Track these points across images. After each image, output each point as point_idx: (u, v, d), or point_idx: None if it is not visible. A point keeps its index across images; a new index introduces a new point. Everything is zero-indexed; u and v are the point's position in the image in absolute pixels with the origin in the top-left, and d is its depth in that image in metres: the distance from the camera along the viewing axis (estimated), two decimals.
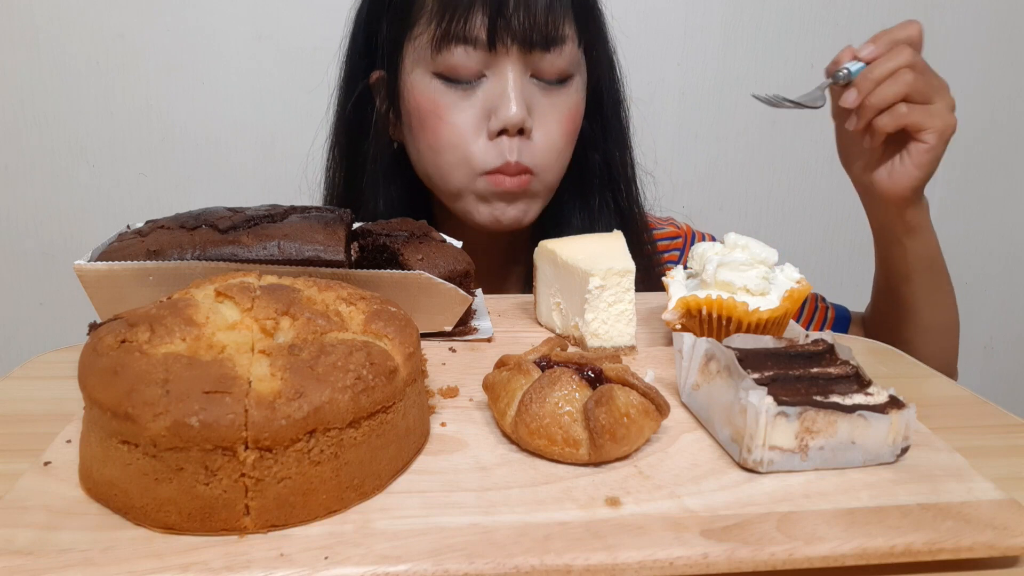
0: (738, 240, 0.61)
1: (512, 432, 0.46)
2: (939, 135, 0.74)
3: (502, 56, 0.78)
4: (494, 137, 0.80)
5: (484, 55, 0.78)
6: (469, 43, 0.77)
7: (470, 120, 0.80)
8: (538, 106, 0.81)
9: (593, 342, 0.61)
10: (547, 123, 0.82)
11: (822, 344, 0.52)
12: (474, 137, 0.80)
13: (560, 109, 0.82)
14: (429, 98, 0.81)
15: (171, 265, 0.57)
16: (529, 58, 0.79)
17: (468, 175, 0.81)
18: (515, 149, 0.80)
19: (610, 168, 0.91)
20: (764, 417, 0.42)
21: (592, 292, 0.59)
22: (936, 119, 0.74)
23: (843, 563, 0.38)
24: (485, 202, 0.83)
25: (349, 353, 0.41)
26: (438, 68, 0.80)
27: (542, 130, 0.81)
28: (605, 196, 0.91)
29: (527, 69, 0.80)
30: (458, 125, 0.80)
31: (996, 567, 0.39)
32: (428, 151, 0.83)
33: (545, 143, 0.82)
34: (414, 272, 0.60)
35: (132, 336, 0.41)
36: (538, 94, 0.81)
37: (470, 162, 0.81)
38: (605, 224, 0.89)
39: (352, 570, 0.35)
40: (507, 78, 0.79)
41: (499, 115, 0.78)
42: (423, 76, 0.81)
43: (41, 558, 0.35)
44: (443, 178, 0.83)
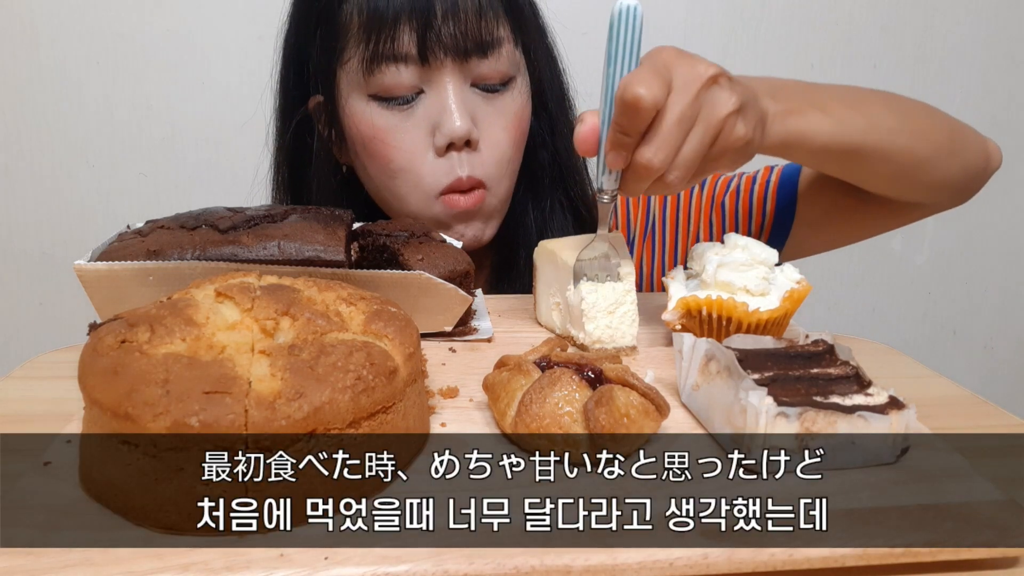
0: (738, 240, 0.61)
1: (512, 432, 0.46)
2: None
3: (436, 69, 0.75)
4: (442, 153, 0.77)
5: (418, 70, 0.75)
6: (400, 60, 0.74)
7: (415, 140, 0.77)
8: (482, 115, 0.78)
9: (593, 343, 0.61)
10: (493, 131, 0.79)
11: (822, 344, 0.52)
12: (422, 157, 0.78)
13: (505, 115, 0.80)
14: (369, 123, 0.78)
15: (171, 265, 0.57)
16: (466, 66, 0.76)
17: (423, 199, 0.79)
18: (464, 163, 0.78)
19: (560, 165, 0.88)
20: (764, 417, 0.42)
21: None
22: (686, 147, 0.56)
23: (843, 563, 0.38)
24: (442, 225, 0.80)
25: (349, 353, 0.41)
26: (372, 90, 0.77)
27: (489, 139, 0.79)
28: (557, 194, 0.89)
29: (466, 78, 0.77)
30: (404, 148, 0.77)
31: (996, 567, 0.39)
32: (380, 176, 0.81)
33: (493, 153, 0.79)
34: (414, 272, 0.60)
35: (132, 336, 0.41)
36: (480, 102, 0.78)
37: (422, 185, 0.79)
38: (559, 222, 0.87)
39: (352, 570, 0.35)
40: (447, 91, 0.76)
41: (443, 130, 0.76)
42: (359, 101, 0.78)
43: (41, 558, 0.35)
44: (399, 202, 0.81)
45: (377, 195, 0.84)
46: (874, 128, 0.66)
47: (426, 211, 0.80)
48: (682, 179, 0.55)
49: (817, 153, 0.67)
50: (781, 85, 0.65)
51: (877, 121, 0.67)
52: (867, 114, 0.66)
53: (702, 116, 0.55)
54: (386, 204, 0.84)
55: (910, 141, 0.68)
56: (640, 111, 0.52)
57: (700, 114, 0.55)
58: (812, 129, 0.64)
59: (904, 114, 0.70)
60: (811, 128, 0.63)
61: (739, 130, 0.56)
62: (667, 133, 0.53)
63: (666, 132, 0.53)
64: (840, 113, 0.65)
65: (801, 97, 0.64)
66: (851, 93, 0.69)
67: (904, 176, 0.71)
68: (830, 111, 0.64)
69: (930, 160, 0.70)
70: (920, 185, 0.73)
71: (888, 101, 0.71)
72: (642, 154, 0.54)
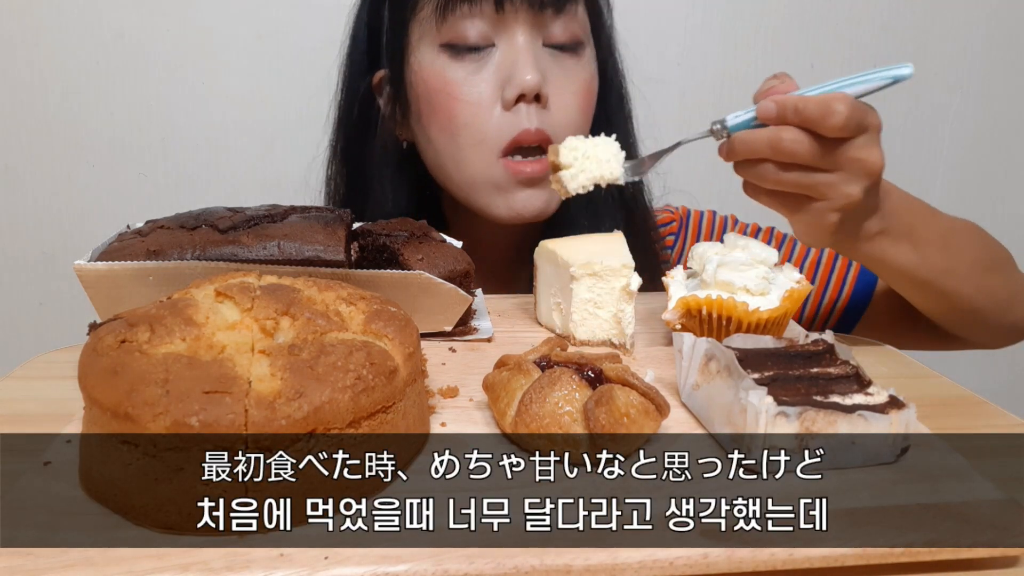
0: (738, 240, 0.61)
1: (512, 432, 0.46)
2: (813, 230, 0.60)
3: (511, 20, 0.75)
4: (510, 107, 0.76)
5: (492, 20, 0.75)
6: (475, 4, 0.74)
7: (483, 93, 0.76)
8: (552, 75, 0.77)
9: (583, 335, 0.61)
10: (563, 93, 0.78)
11: (822, 344, 0.52)
12: (488, 111, 0.76)
13: (574, 79, 0.79)
14: (438, 75, 0.77)
15: (171, 265, 0.57)
16: (540, 20, 0.76)
17: (485, 158, 0.77)
18: (533, 116, 0.76)
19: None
20: (764, 417, 0.42)
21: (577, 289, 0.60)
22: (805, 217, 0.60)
23: (843, 563, 0.38)
24: (503, 192, 0.79)
25: (349, 353, 0.41)
26: (445, 38, 0.76)
27: (558, 101, 0.77)
28: (611, 191, 0.87)
29: (537, 35, 0.77)
30: (471, 101, 0.76)
31: (996, 567, 0.39)
32: (441, 135, 0.79)
33: (563, 115, 0.78)
34: (414, 272, 0.60)
35: (132, 336, 0.41)
36: (551, 62, 0.78)
37: (486, 140, 0.77)
38: (610, 223, 0.86)
39: (352, 570, 0.35)
40: (518, 43, 0.75)
41: (514, 81, 0.75)
42: (430, 52, 0.78)
43: (41, 558, 0.35)
44: (458, 165, 0.79)
45: (436, 164, 0.82)
46: (949, 273, 0.67)
47: (486, 173, 0.78)
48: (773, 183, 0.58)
49: (891, 276, 0.68)
50: (897, 205, 0.65)
51: (955, 266, 0.67)
52: (952, 257, 0.67)
53: (834, 176, 0.56)
54: (445, 173, 0.82)
55: (975, 292, 0.69)
56: (826, 119, 0.54)
57: (837, 171, 0.56)
58: (895, 258, 0.64)
59: (982, 266, 0.71)
60: (895, 256, 0.64)
61: (832, 218, 0.58)
62: (808, 146, 0.55)
63: (808, 145, 0.55)
64: (928, 249, 0.65)
65: (904, 221, 0.65)
66: (952, 230, 0.69)
67: (961, 317, 0.72)
68: (920, 245, 0.65)
69: (986, 310, 0.71)
70: (973, 328, 0.74)
71: (976, 246, 0.71)
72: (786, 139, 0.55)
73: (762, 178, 0.58)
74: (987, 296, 0.70)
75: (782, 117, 0.56)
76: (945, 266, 0.66)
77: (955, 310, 0.71)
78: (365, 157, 0.87)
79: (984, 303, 0.70)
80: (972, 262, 0.69)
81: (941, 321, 0.74)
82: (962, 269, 0.68)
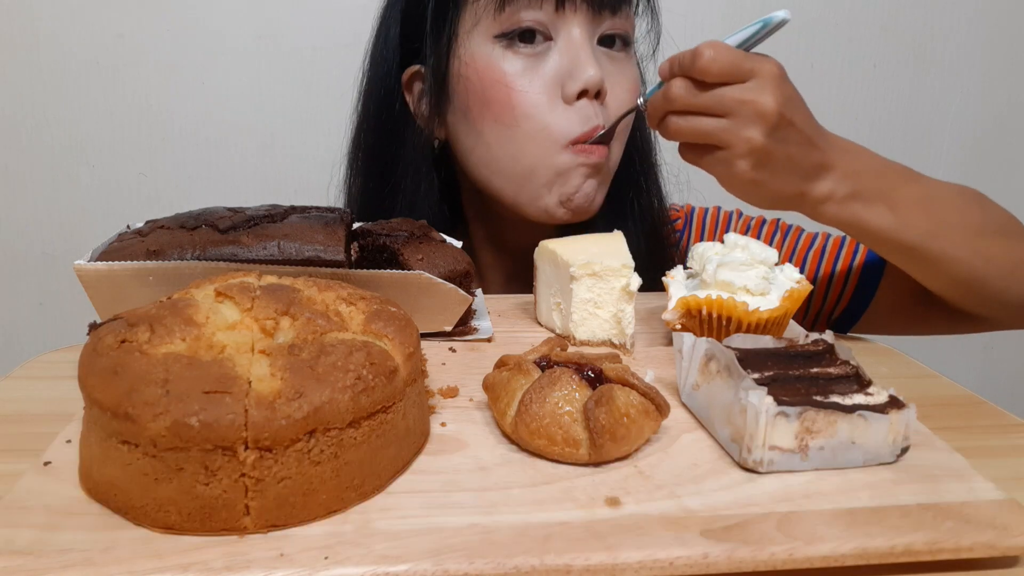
0: (738, 240, 0.61)
1: (512, 432, 0.46)
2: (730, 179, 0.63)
3: (569, 17, 0.75)
4: (572, 101, 0.75)
5: (551, 16, 0.75)
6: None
7: (543, 88, 0.75)
8: (607, 72, 0.77)
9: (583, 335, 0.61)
10: (618, 90, 0.78)
11: (822, 344, 0.52)
12: (550, 105, 0.75)
13: (627, 76, 0.79)
14: (494, 66, 0.76)
15: (171, 265, 0.57)
16: (597, 18, 0.76)
17: (548, 148, 0.76)
18: (600, 112, 0.76)
19: (634, 163, 0.87)
20: (764, 417, 0.42)
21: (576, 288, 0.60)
22: (718, 166, 0.62)
23: (843, 563, 0.38)
24: (560, 179, 0.77)
25: (349, 353, 0.41)
26: (502, 27, 0.75)
27: (614, 97, 0.77)
28: (628, 194, 0.87)
29: (594, 33, 0.77)
30: (531, 92, 0.75)
31: (996, 567, 0.39)
32: (496, 126, 0.77)
33: (617, 111, 0.77)
34: (414, 272, 0.60)
35: (132, 336, 0.41)
36: (605, 60, 0.78)
37: (549, 132, 0.75)
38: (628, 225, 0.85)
39: (352, 570, 0.35)
40: (577, 40, 0.75)
41: (576, 76, 0.74)
42: (483, 42, 0.76)
43: (41, 558, 0.35)
44: (514, 157, 0.77)
45: (486, 158, 0.80)
46: (935, 236, 0.65)
47: (548, 162, 0.77)
48: (674, 133, 0.63)
49: (874, 242, 0.67)
50: (867, 166, 0.65)
51: (942, 229, 0.65)
52: (937, 219, 0.66)
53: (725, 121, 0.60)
54: (496, 168, 0.80)
55: (971, 257, 0.67)
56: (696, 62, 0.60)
57: (728, 116, 0.60)
58: (871, 220, 0.64)
59: (975, 230, 0.68)
60: (870, 219, 0.64)
61: (741, 166, 0.61)
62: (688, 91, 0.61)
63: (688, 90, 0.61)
64: (907, 212, 0.64)
65: (877, 184, 0.64)
66: (936, 193, 0.68)
67: (962, 287, 0.69)
68: (899, 207, 0.64)
69: (988, 278, 0.68)
70: (980, 299, 0.71)
71: (968, 209, 0.69)
72: (672, 86, 0.62)
73: (667, 131, 0.64)
74: (985, 261, 0.67)
75: (671, 72, 0.62)
76: (928, 228, 0.65)
77: (953, 279, 0.68)
78: (394, 158, 0.85)
79: (984, 270, 0.67)
80: (963, 226, 0.67)
81: (946, 295, 0.72)
82: (950, 232, 0.66)
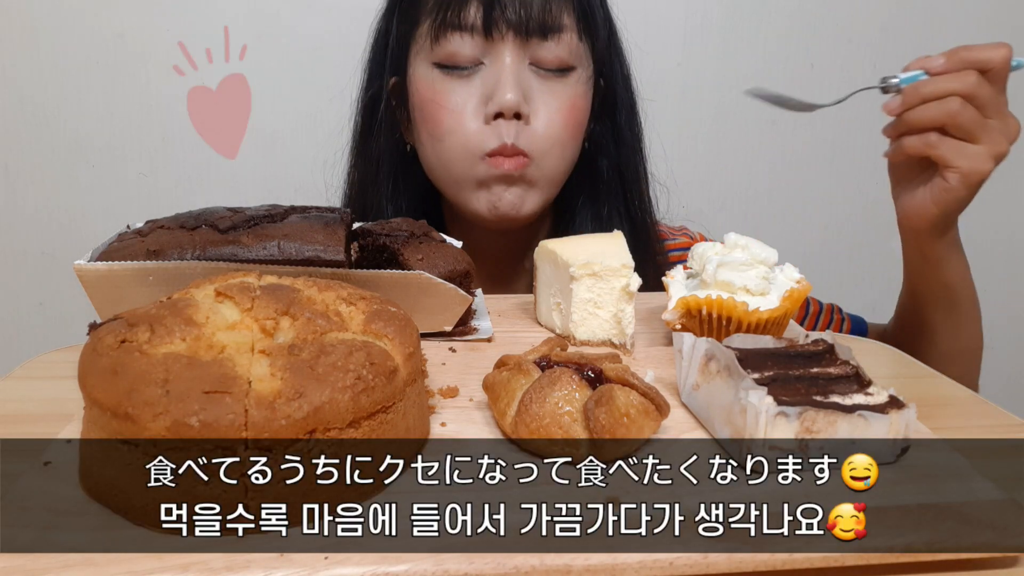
0: (738, 240, 0.61)
1: (512, 432, 0.46)
2: (962, 178, 0.68)
3: (498, 43, 0.81)
4: (490, 121, 0.81)
5: (481, 42, 0.81)
6: (465, 31, 0.80)
7: (467, 105, 0.82)
8: (536, 94, 0.82)
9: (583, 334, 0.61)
10: (546, 111, 0.83)
11: (822, 344, 0.52)
12: (472, 121, 0.82)
13: (559, 98, 0.83)
14: (429, 87, 0.83)
15: (171, 265, 0.57)
16: (527, 46, 0.81)
17: (468, 160, 0.82)
18: (512, 132, 0.81)
19: (621, 176, 0.92)
20: (764, 417, 0.42)
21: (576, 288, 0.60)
22: (964, 160, 0.67)
23: (843, 563, 0.38)
24: (483, 188, 0.84)
25: (349, 353, 0.41)
26: (437, 57, 0.82)
27: (541, 118, 0.82)
28: (615, 204, 0.92)
29: (525, 57, 0.82)
30: (455, 110, 0.82)
31: (996, 567, 0.39)
32: (430, 140, 0.85)
33: (544, 130, 0.82)
34: (414, 272, 0.60)
35: (132, 336, 0.41)
36: (536, 82, 0.82)
37: (468, 145, 0.82)
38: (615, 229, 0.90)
39: (352, 570, 0.35)
40: (503, 63, 0.81)
41: (495, 99, 0.80)
42: (424, 67, 0.84)
43: (41, 558, 0.35)
44: (445, 167, 0.85)
45: (428, 166, 0.88)
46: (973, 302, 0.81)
47: (469, 172, 0.83)
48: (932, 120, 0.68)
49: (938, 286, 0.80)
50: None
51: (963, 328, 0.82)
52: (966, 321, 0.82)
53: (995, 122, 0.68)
54: (435, 174, 0.88)
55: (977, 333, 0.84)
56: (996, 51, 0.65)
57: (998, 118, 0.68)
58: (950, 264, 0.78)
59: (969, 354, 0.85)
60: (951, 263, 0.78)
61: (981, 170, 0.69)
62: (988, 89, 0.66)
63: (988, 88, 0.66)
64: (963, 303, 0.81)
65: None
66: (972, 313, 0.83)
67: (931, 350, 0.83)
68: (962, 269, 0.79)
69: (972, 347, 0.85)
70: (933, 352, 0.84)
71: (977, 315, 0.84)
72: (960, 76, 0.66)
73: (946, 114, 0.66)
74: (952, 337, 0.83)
75: (952, 66, 0.66)
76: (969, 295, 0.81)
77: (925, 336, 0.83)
78: (378, 160, 0.92)
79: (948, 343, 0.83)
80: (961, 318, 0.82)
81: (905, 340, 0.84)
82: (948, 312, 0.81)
